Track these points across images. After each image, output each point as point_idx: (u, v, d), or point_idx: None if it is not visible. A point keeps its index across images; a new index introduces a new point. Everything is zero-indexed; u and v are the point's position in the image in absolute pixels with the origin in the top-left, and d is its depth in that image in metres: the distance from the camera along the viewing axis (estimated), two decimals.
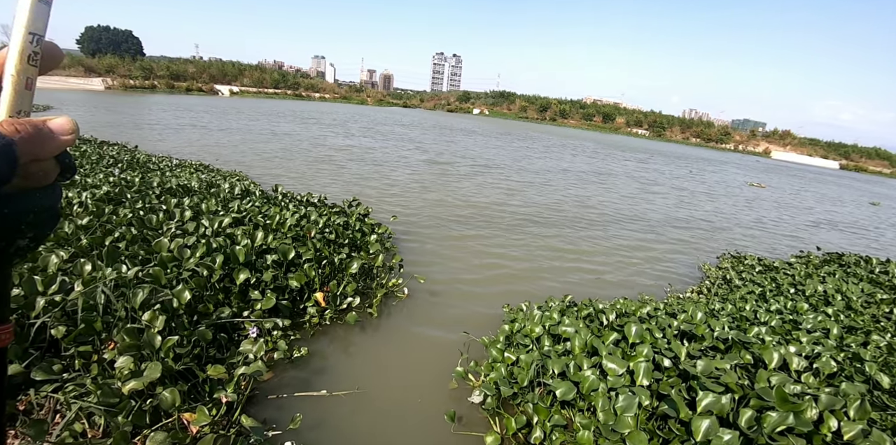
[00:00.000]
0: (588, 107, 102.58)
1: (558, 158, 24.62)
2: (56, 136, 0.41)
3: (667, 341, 3.63)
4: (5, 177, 0.36)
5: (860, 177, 60.50)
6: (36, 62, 0.42)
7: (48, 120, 0.42)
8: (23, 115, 0.41)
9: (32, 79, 0.42)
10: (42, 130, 0.40)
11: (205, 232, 4.93)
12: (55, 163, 0.42)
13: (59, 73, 64.24)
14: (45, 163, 0.41)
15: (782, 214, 15.67)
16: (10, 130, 0.37)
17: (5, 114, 0.40)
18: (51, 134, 0.41)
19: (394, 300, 4.95)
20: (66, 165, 0.44)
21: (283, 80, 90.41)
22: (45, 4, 0.42)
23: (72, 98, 38.30)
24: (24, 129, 0.38)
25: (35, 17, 0.41)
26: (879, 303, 5.74)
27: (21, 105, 0.41)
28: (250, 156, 14.47)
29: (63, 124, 0.42)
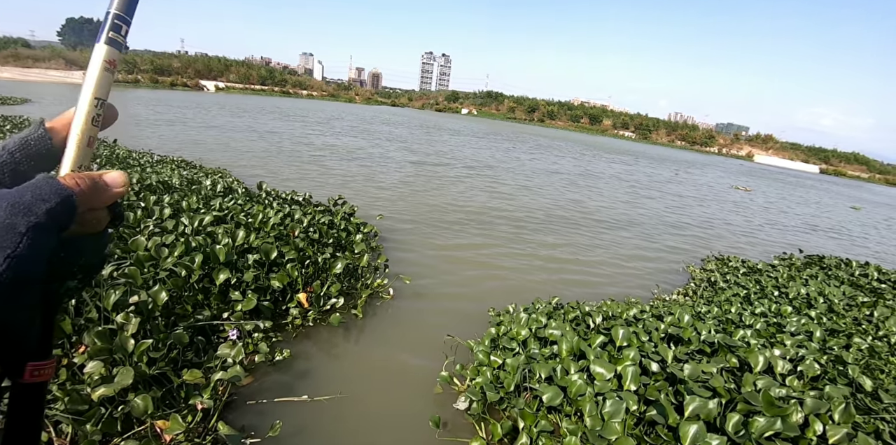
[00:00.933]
0: (575, 108, 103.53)
1: (546, 159, 24.73)
2: (110, 189, 0.46)
3: (654, 344, 3.62)
4: (65, 225, 0.41)
5: (839, 182, 62.12)
6: (98, 123, 0.49)
7: (104, 173, 0.47)
8: (83, 169, 0.47)
9: (94, 138, 0.49)
10: (98, 183, 0.45)
11: (184, 230, 4.79)
12: (107, 211, 0.48)
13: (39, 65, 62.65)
14: (99, 211, 0.46)
15: (767, 217, 15.94)
16: (71, 183, 0.43)
17: (69, 169, 0.46)
18: (105, 186, 0.46)
19: (378, 301, 4.87)
20: (116, 214, 0.49)
21: (271, 77, 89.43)
22: (109, 73, 0.49)
23: (51, 91, 37.32)
24: (83, 182, 0.44)
25: (100, 84, 0.48)
26: (860, 306, 5.84)
27: (82, 160, 0.47)
28: (234, 153, 14.22)
29: (116, 178, 0.47)
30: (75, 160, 0.47)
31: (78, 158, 0.47)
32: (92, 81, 0.48)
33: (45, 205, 0.39)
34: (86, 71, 0.48)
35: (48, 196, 0.40)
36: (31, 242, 0.38)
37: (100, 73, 0.48)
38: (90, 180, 0.45)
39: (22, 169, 0.45)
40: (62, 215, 0.40)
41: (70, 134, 0.47)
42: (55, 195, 0.40)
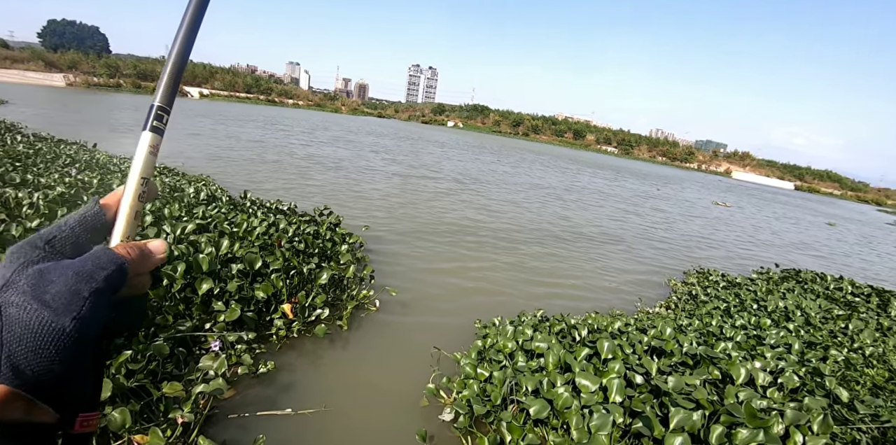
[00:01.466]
0: (560, 123, 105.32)
1: (531, 173, 25.05)
2: (153, 256, 0.53)
3: (638, 357, 3.66)
4: (118, 289, 0.47)
5: (813, 198, 64.29)
6: (143, 199, 0.55)
7: (148, 242, 0.53)
8: (130, 239, 0.53)
9: (139, 212, 0.55)
10: (144, 251, 0.52)
11: (166, 238, 4.70)
12: (149, 275, 0.53)
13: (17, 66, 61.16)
14: (144, 276, 0.52)
15: (746, 232, 16.36)
16: (123, 252, 0.49)
17: (119, 239, 0.52)
18: (150, 254, 0.52)
19: (364, 312, 4.82)
20: (156, 277, 0.55)
21: (256, 85, 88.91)
22: (153, 156, 0.56)
23: (27, 93, 36.43)
24: (133, 251, 0.50)
25: (146, 166, 0.55)
26: (836, 319, 6.02)
27: (130, 232, 0.53)
28: (217, 161, 14.04)
29: (159, 246, 0.54)
30: (125, 231, 0.53)
31: (126, 230, 0.53)
32: (139, 163, 0.55)
33: (103, 273, 0.45)
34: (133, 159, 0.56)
35: (106, 264, 0.46)
36: (93, 305, 0.43)
37: (146, 157, 0.55)
38: (138, 249, 0.51)
39: (80, 241, 0.50)
40: (117, 281, 0.46)
41: (120, 209, 0.53)
42: (111, 263, 0.46)
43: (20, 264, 0.43)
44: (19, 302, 0.41)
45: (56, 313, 0.41)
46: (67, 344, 0.41)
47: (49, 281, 0.42)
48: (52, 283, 0.42)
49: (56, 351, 0.40)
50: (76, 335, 0.41)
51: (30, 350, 0.40)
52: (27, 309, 0.41)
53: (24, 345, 0.40)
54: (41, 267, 0.44)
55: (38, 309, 0.41)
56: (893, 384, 4.21)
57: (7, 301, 0.41)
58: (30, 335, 0.40)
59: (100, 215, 0.52)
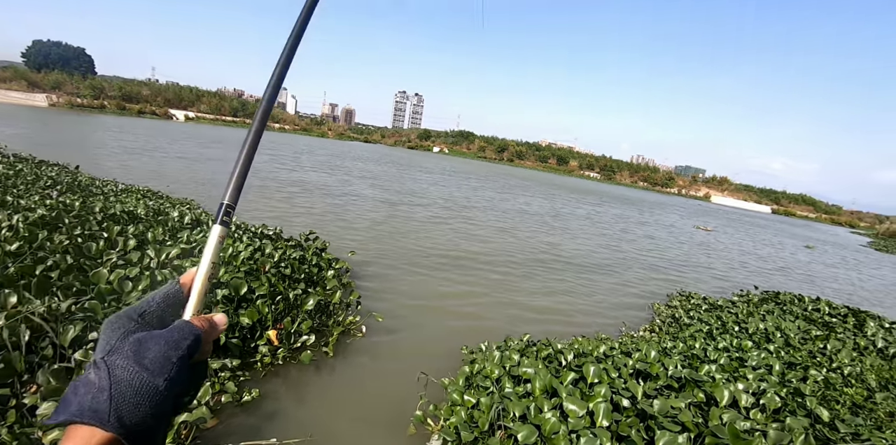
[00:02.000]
0: (543, 149, 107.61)
1: (517, 200, 25.40)
2: (218, 327, 0.63)
3: (623, 380, 3.69)
4: (194, 355, 0.56)
5: (790, 221, 66.25)
6: (212, 279, 0.65)
7: (213, 316, 0.63)
8: (200, 313, 0.62)
9: (207, 289, 0.64)
10: (213, 323, 0.62)
11: (149, 263, 4.64)
12: (212, 343, 0.63)
13: None
14: (209, 344, 0.61)
15: (728, 256, 16.73)
16: (199, 324, 0.59)
17: (192, 312, 0.61)
18: (216, 325, 0.63)
19: (350, 338, 4.78)
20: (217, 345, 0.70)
21: (243, 109, 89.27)
22: (220, 244, 0.66)
23: (9, 112, 35.93)
24: (205, 323, 0.60)
25: (215, 252, 0.65)
26: (814, 339, 6.15)
27: (200, 306, 0.63)
28: (201, 185, 13.97)
29: (222, 319, 0.64)
30: (196, 306, 0.62)
31: (198, 305, 0.62)
32: (210, 251, 0.65)
33: (186, 342, 0.55)
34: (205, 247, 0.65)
35: (187, 335, 0.56)
36: (178, 369, 0.53)
37: (216, 245, 0.65)
38: (209, 322, 0.61)
39: (164, 314, 0.60)
40: (195, 349, 0.56)
41: (193, 287, 0.63)
42: (191, 334, 0.57)
43: (122, 333, 0.54)
44: (124, 365, 0.51)
45: (153, 375, 0.51)
46: (160, 400, 0.51)
47: (147, 349, 0.52)
48: (149, 350, 0.52)
49: (151, 406, 0.50)
50: (166, 392, 0.51)
51: (132, 404, 0.49)
52: (130, 371, 0.50)
53: (128, 400, 0.49)
54: (139, 336, 0.54)
55: (139, 371, 0.51)
56: (872, 402, 4.31)
57: (114, 364, 0.51)
58: (132, 392, 0.49)
59: (179, 293, 0.63)
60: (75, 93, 64.38)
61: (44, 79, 64.64)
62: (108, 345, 0.53)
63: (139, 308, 0.59)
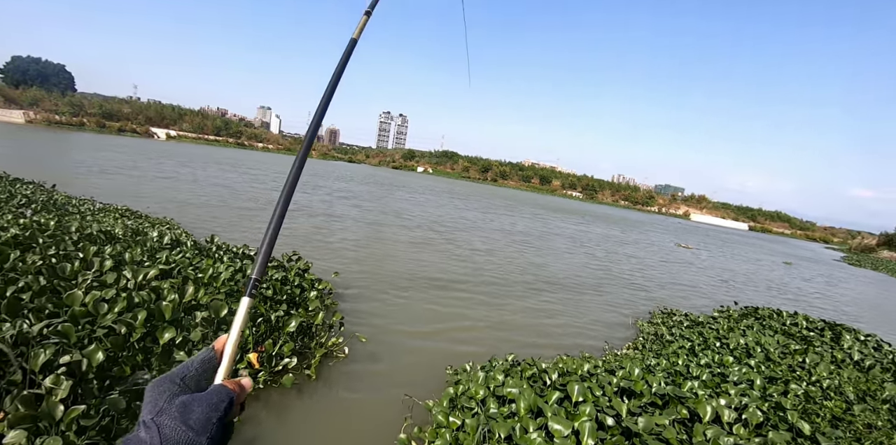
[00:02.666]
0: (526, 169, 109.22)
1: (502, 220, 25.60)
2: (246, 389, 0.69)
3: (608, 399, 3.70)
4: (229, 415, 0.63)
5: (767, 238, 67.95)
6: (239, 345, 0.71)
7: (241, 380, 0.69)
8: (229, 377, 0.68)
9: (237, 355, 0.76)
10: (241, 386, 0.68)
11: (126, 284, 4.53)
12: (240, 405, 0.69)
13: None
14: (238, 405, 0.67)
15: (710, 274, 17.01)
16: (231, 387, 0.65)
17: (224, 376, 0.67)
18: (244, 388, 0.68)
19: (333, 360, 4.70)
20: (243, 406, 0.70)
21: (226, 128, 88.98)
22: (248, 314, 0.73)
23: None
24: (235, 386, 0.66)
25: (244, 321, 0.72)
26: (793, 353, 6.27)
27: (230, 371, 0.69)
28: (182, 204, 13.78)
29: (248, 382, 0.70)
30: (228, 370, 0.69)
31: (229, 369, 0.69)
32: (240, 321, 0.72)
33: (223, 404, 0.62)
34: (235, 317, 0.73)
35: (224, 398, 0.63)
36: (217, 428, 0.60)
37: (245, 316, 0.73)
38: (238, 385, 0.67)
39: (200, 378, 0.67)
40: (230, 410, 0.63)
41: (224, 353, 0.70)
42: (227, 397, 0.63)
43: (168, 395, 0.61)
44: (172, 425, 0.57)
45: (197, 434, 0.57)
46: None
47: (191, 411, 0.59)
48: (193, 412, 0.59)
49: None
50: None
51: None
52: (178, 431, 0.57)
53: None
54: (183, 399, 0.61)
55: (185, 430, 0.57)
56: (851, 415, 4.38)
57: (163, 424, 0.57)
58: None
59: (213, 359, 0.70)
60: (54, 110, 63.48)
61: (21, 95, 63.65)
62: (156, 407, 0.59)
63: (181, 372, 0.66)
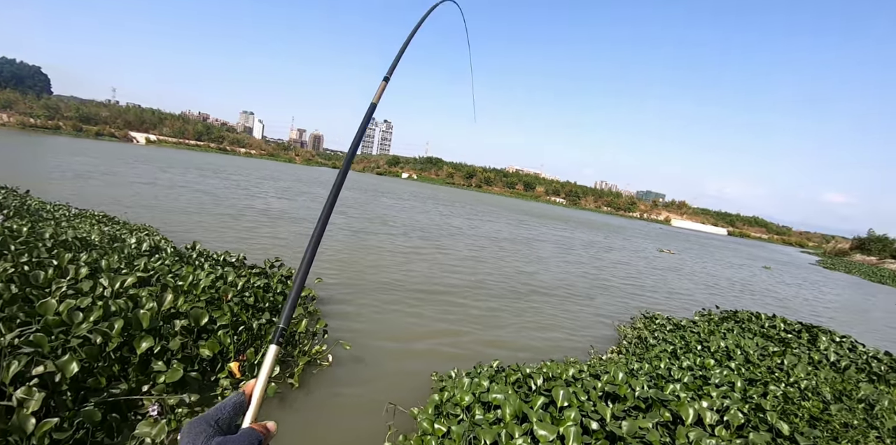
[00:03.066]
0: (511, 175, 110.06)
1: (487, 226, 25.70)
2: (271, 432, 0.72)
3: (592, 403, 3.73)
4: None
5: (745, 242, 69.59)
6: (266, 392, 0.76)
7: (267, 423, 0.73)
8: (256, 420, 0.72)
9: (263, 398, 0.75)
10: (268, 429, 0.72)
11: (103, 292, 4.41)
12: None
13: None
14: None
15: (694, 278, 17.30)
16: (260, 430, 0.69)
17: (252, 419, 0.72)
18: (270, 431, 0.72)
19: (316, 368, 4.63)
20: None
21: (207, 133, 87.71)
22: (275, 359, 0.79)
23: None
24: (262, 429, 0.70)
25: (272, 368, 0.77)
26: (772, 355, 6.41)
27: (257, 414, 0.73)
28: (162, 210, 13.50)
29: (273, 426, 0.74)
30: (255, 413, 0.73)
31: (256, 413, 0.73)
32: (267, 367, 0.77)
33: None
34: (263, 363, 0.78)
35: (253, 440, 0.67)
36: None
37: (271, 363, 0.78)
38: (264, 428, 0.72)
39: (231, 420, 0.71)
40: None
41: (252, 397, 0.75)
42: (256, 439, 0.67)
43: (204, 437, 0.64)
44: None
45: None
46: None
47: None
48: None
49: None
50: None
51: None
52: None
53: None
54: (218, 440, 0.65)
55: None
56: (828, 414, 4.49)
57: None
58: None
59: (244, 403, 0.74)
60: (28, 112, 61.77)
61: None
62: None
63: (215, 414, 0.70)
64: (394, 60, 1.58)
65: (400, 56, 1.61)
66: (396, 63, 1.56)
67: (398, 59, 1.59)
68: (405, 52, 1.64)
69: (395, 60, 1.58)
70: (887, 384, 5.96)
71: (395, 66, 1.55)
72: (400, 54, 1.61)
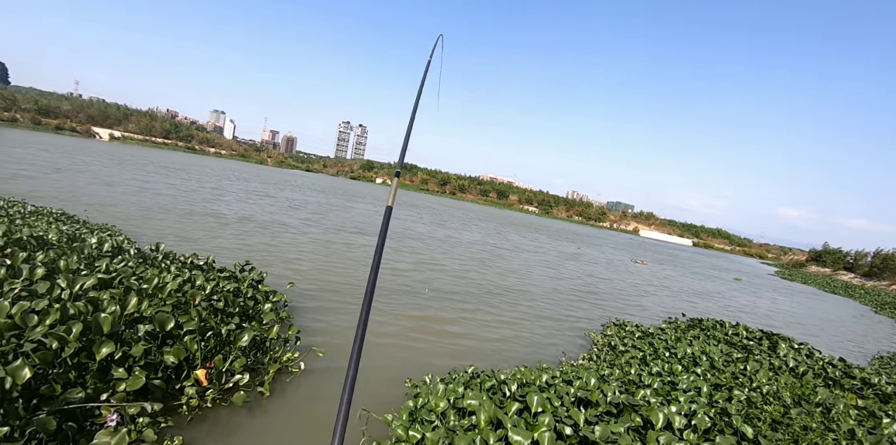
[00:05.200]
0: (485, 183, 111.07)
1: (462, 233, 25.77)
2: None
3: (566, 408, 3.76)
4: None
5: (710, 253, 72.15)
6: None
7: None
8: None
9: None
10: None
11: (60, 294, 4.18)
12: None
13: None
14: None
15: (663, 288, 17.69)
16: None
17: None
18: None
19: (288, 376, 4.50)
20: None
21: (176, 131, 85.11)
22: None
23: None
24: None
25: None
26: (735, 362, 6.63)
27: None
28: (126, 210, 12.95)
29: None
30: None
31: None
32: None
33: None
34: None
35: None
36: None
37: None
38: None
39: None
40: None
41: None
42: None
43: None
44: None
45: None
46: None
47: None
48: None
49: None
50: None
51: None
52: None
53: None
54: None
55: None
56: (788, 418, 4.67)
57: None
58: None
59: None
60: None
61: None
62: None
63: None
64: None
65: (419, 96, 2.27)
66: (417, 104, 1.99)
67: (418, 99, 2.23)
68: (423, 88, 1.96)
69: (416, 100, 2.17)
70: (842, 388, 6.25)
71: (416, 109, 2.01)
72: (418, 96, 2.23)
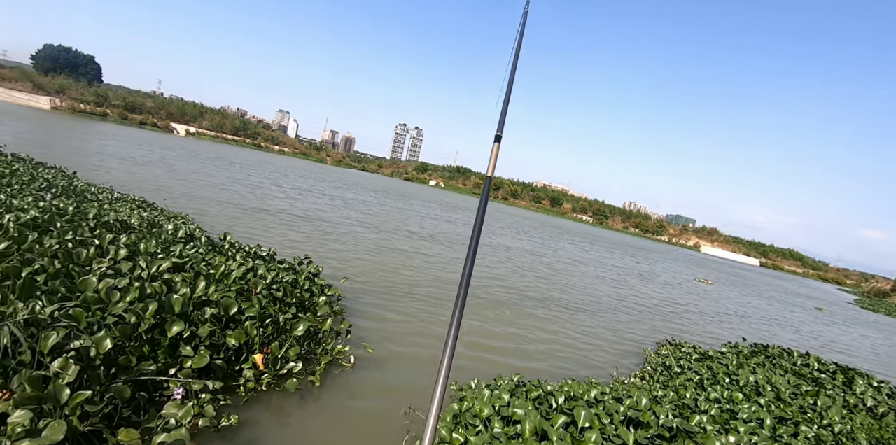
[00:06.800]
0: (538, 190, 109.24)
1: (521, 242, 25.51)
2: None
3: (615, 427, 3.60)
4: None
5: (780, 276, 66.64)
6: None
7: None
8: None
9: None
10: None
11: (140, 274, 4.53)
12: None
13: (4, 84, 61.18)
14: None
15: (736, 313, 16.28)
16: None
17: None
18: None
19: (338, 369, 4.62)
20: None
21: (244, 128, 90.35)
22: None
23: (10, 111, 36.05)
24: None
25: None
26: (805, 395, 6.08)
27: None
28: (196, 200, 13.88)
29: None
30: None
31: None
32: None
33: None
34: None
35: None
36: None
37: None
38: None
39: None
40: None
41: None
42: None
43: None
44: None
45: None
46: None
47: None
48: None
49: None
50: None
51: None
52: None
53: None
54: None
55: None
56: None
57: None
58: None
59: None
60: (79, 98, 65.08)
61: (50, 82, 65.47)
62: None
63: None
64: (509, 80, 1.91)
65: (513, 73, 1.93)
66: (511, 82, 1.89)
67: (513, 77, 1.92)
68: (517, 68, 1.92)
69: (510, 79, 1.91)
70: None
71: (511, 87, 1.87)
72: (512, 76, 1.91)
